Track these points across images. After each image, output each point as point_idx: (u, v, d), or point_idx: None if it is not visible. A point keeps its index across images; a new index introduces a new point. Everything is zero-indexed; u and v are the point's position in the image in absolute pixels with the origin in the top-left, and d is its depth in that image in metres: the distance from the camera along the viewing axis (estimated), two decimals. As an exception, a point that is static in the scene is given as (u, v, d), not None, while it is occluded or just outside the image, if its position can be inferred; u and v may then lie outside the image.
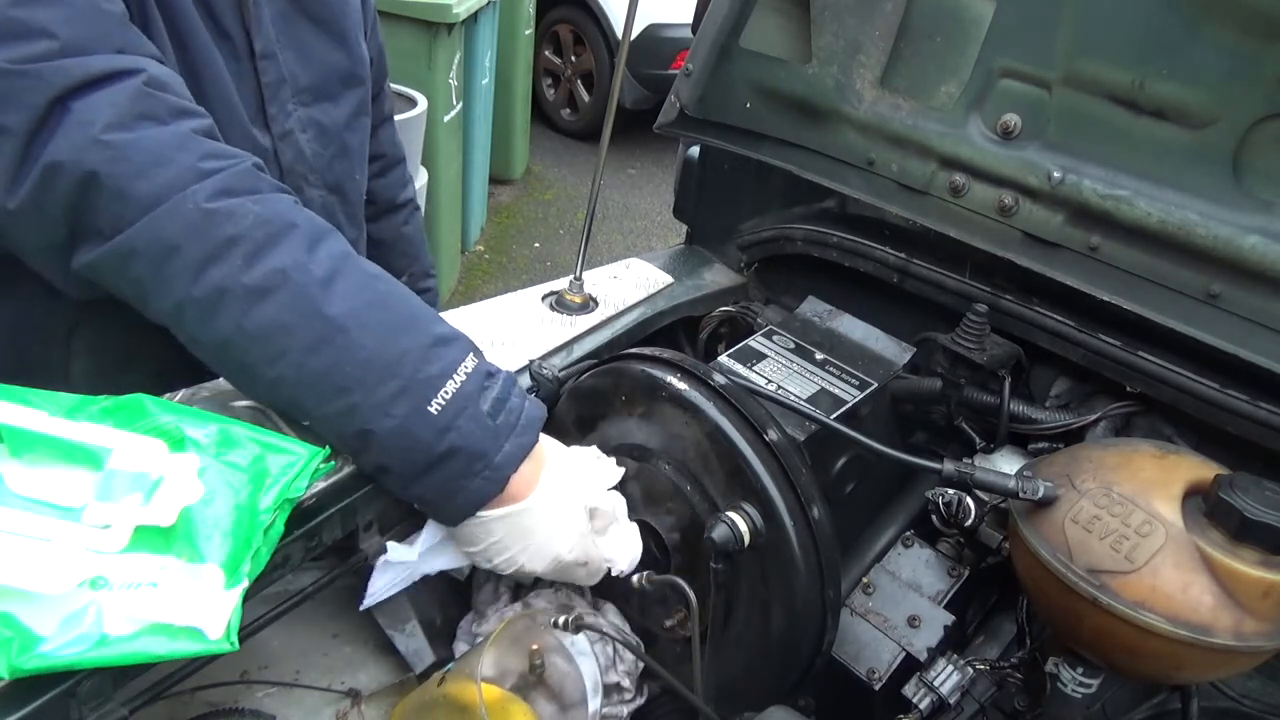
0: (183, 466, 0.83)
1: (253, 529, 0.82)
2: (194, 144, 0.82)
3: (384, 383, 0.83)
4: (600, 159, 1.34)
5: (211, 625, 0.74)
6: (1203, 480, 0.86)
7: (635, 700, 1.18)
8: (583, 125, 5.90)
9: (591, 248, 1.40)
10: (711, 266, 1.58)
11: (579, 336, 1.32)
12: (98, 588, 0.73)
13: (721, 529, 0.97)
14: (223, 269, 0.80)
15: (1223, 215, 0.99)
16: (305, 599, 0.97)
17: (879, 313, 1.35)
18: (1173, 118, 1.01)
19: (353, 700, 1.12)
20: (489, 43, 4.10)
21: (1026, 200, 1.14)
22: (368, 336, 0.83)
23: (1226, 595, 0.80)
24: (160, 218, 0.79)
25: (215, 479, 0.82)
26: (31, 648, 0.70)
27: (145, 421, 0.85)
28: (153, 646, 0.73)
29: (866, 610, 1.13)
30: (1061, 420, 1.16)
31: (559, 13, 5.75)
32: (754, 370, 1.23)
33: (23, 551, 0.72)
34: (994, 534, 1.11)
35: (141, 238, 0.79)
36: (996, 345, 1.16)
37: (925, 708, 1.03)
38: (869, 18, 1.22)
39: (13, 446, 0.80)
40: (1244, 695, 1.04)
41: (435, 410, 0.84)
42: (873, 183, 1.29)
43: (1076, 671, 0.94)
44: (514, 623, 1.08)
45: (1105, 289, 1.09)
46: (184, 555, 0.77)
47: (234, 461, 0.86)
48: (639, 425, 1.12)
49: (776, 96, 1.32)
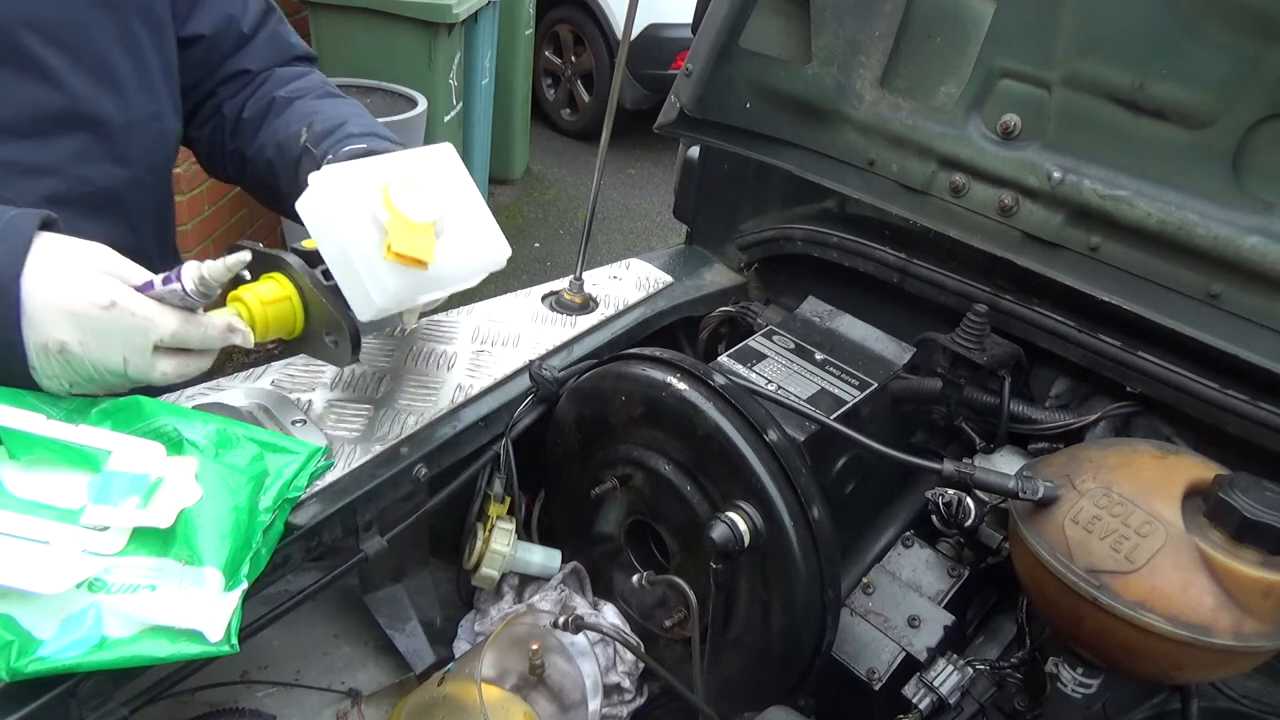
0: (181, 469, 0.83)
1: (252, 530, 0.82)
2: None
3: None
4: (600, 159, 1.33)
5: (211, 628, 0.74)
6: (1203, 480, 0.86)
7: (635, 700, 1.18)
8: (583, 125, 5.89)
9: (591, 248, 1.40)
10: (711, 266, 1.58)
11: (579, 336, 1.32)
12: (96, 590, 0.73)
13: (721, 529, 0.97)
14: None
15: (1223, 215, 0.99)
16: (305, 599, 0.97)
17: (879, 313, 1.35)
18: (1173, 118, 1.01)
19: (353, 700, 1.12)
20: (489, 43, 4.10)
21: (1026, 200, 1.14)
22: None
23: (1226, 595, 0.80)
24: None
25: (214, 480, 0.82)
26: (31, 651, 0.70)
27: (144, 424, 0.85)
28: (152, 649, 0.73)
29: (866, 610, 1.13)
30: (1061, 420, 1.16)
31: (559, 13, 5.74)
32: (754, 370, 1.23)
33: (22, 554, 0.72)
34: (994, 534, 1.11)
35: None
36: (996, 345, 1.16)
37: (925, 708, 1.03)
38: (869, 18, 1.22)
39: (12, 449, 0.80)
40: (1244, 695, 1.04)
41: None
42: (873, 183, 1.29)
43: (1076, 671, 0.94)
44: (514, 623, 1.08)
45: (1105, 289, 1.09)
46: (182, 557, 0.77)
47: (232, 462, 0.86)
48: (639, 425, 1.12)
49: (776, 97, 1.32)
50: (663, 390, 1.07)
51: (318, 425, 1.04)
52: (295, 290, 0.98)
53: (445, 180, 1.06)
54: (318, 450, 0.95)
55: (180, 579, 0.76)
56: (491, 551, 1.15)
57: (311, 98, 1.23)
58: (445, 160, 1.08)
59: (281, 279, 0.98)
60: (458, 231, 1.02)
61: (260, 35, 1.26)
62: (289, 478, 0.89)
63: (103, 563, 0.75)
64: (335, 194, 0.95)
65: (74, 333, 0.81)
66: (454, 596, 1.28)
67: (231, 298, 0.97)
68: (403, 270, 0.95)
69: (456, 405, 1.13)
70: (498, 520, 1.16)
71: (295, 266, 0.97)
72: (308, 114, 1.18)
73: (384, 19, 3.29)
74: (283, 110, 1.21)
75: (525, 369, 1.21)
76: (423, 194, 0.97)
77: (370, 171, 0.98)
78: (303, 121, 1.16)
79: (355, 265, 0.94)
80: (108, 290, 0.82)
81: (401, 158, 1.04)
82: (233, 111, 1.24)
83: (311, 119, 1.16)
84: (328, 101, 1.23)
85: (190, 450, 0.85)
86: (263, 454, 0.89)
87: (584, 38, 5.69)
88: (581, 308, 1.37)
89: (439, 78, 3.47)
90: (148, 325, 0.83)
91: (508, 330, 1.29)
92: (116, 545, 0.77)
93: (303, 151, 1.14)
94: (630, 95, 5.50)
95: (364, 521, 1.01)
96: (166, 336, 0.84)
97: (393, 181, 0.96)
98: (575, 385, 1.19)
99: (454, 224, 1.02)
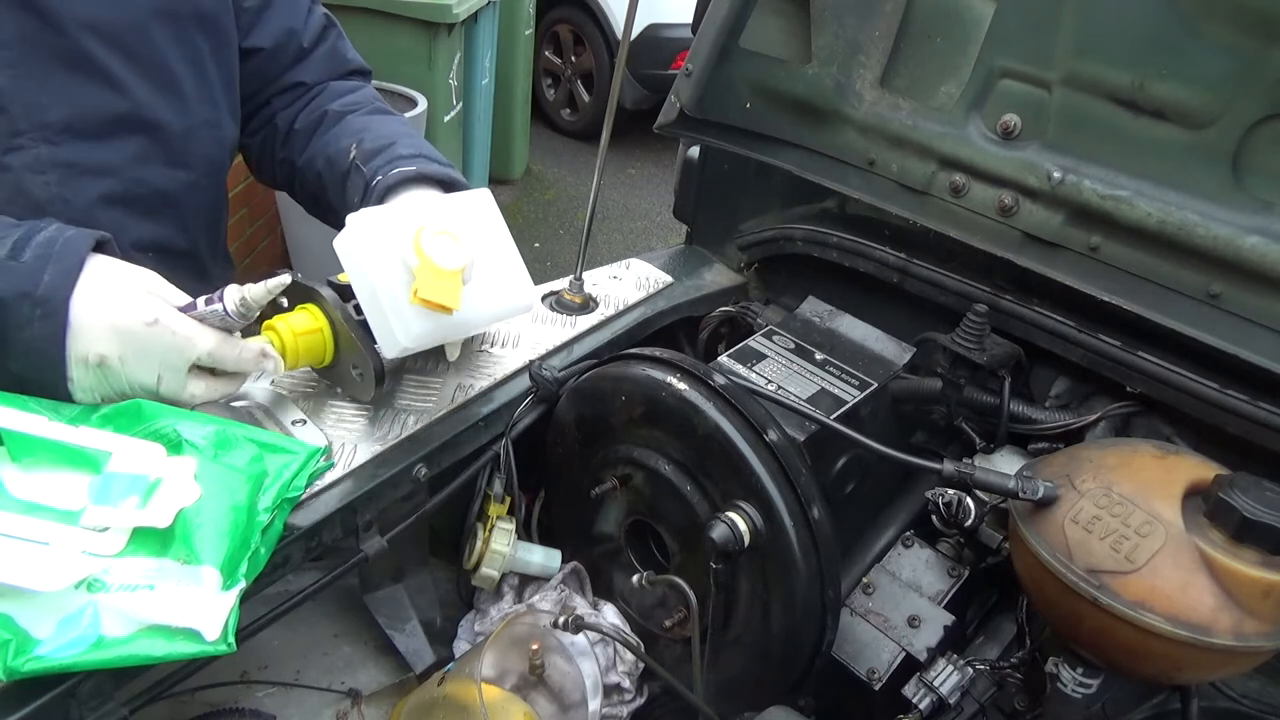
0: (180, 469, 0.83)
1: (251, 529, 0.82)
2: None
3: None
4: (600, 159, 1.33)
5: (208, 627, 0.74)
6: (1203, 480, 0.86)
7: (635, 700, 1.18)
8: (583, 125, 5.89)
9: (591, 248, 1.40)
10: (711, 266, 1.58)
11: (579, 336, 1.32)
12: (95, 590, 0.74)
13: (721, 529, 0.97)
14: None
15: (1223, 215, 0.99)
16: (305, 599, 0.97)
17: (879, 313, 1.35)
18: (1173, 118, 1.01)
19: (353, 700, 1.12)
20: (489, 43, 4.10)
21: (1026, 200, 1.14)
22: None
23: (1226, 596, 0.80)
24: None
25: (212, 480, 0.82)
26: (29, 650, 0.70)
27: (144, 426, 0.86)
28: (149, 648, 0.73)
29: (866, 610, 1.13)
30: (1061, 420, 1.16)
31: (559, 13, 5.74)
32: (754, 370, 1.23)
33: (21, 554, 0.72)
34: (994, 534, 1.11)
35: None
36: (996, 345, 1.16)
37: (925, 708, 1.03)
38: (869, 18, 1.22)
39: (13, 451, 0.80)
40: (1244, 695, 1.03)
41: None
42: (873, 183, 1.29)
43: (1076, 671, 0.94)
44: (514, 623, 1.08)
45: (1105, 289, 1.09)
46: (181, 557, 0.77)
47: (231, 463, 0.86)
48: (639, 425, 1.12)
49: (776, 97, 1.32)
50: (663, 390, 1.07)
51: (318, 425, 1.04)
52: (327, 323, 1.03)
53: (479, 226, 1.09)
54: (317, 450, 0.95)
55: (178, 578, 0.76)
56: (491, 551, 1.15)
57: (363, 113, 1.26)
58: (481, 206, 1.11)
59: (315, 311, 1.03)
60: (486, 277, 1.06)
61: (319, 50, 1.29)
62: (288, 478, 0.89)
63: (102, 563, 0.75)
64: (369, 236, 0.99)
65: (115, 347, 0.84)
66: (454, 596, 1.28)
67: (266, 326, 1.01)
68: (428, 314, 0.99)
69: (456, 405, 1.13)
70: (498, 520, 1.16)
71: (329, 300, 1.02)
72: (358, 131, 1.21)
73: (384, 19, 3.29)
74: (334, 124, 1.23)
75: (525, 369, 1.21)
76: (453, 241, 1.00)
77: (405, 215, 1.01)
78: (353, 138, 1.19)
79: (383, 306, 0.98)
80: (152, 309, 0.86)
81: (438, 202, 1.08)
82: (285, 122, 1.27)
83: (362, 136, 1.19)
84: (378, 119, 1.25)
85: (189, 451, 0.85)
86: (262, 454, 0.89)
87: (584, 38, 5.69)
88: (581, 308, 1.38)
89: (439, 78, 3.47)
90: (186, 344, 0.87)
91: (508, 330, 1.29)
92: (116, 546, 0.77)
93: (351, 168, 1.16)
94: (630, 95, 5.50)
95: (364, 521, 1.01)
96: (204, 355, 0.88)
97: (425, 227, 0.99)
98: (575, 385, 1.19)
99: (483, 270, 1.06)
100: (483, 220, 1.10)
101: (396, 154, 1.15)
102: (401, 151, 1.15)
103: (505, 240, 1.12)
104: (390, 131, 1.20)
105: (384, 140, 1.17)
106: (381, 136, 1.18)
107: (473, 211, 1.10)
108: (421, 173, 1.12)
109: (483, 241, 1.08)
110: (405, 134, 1.21)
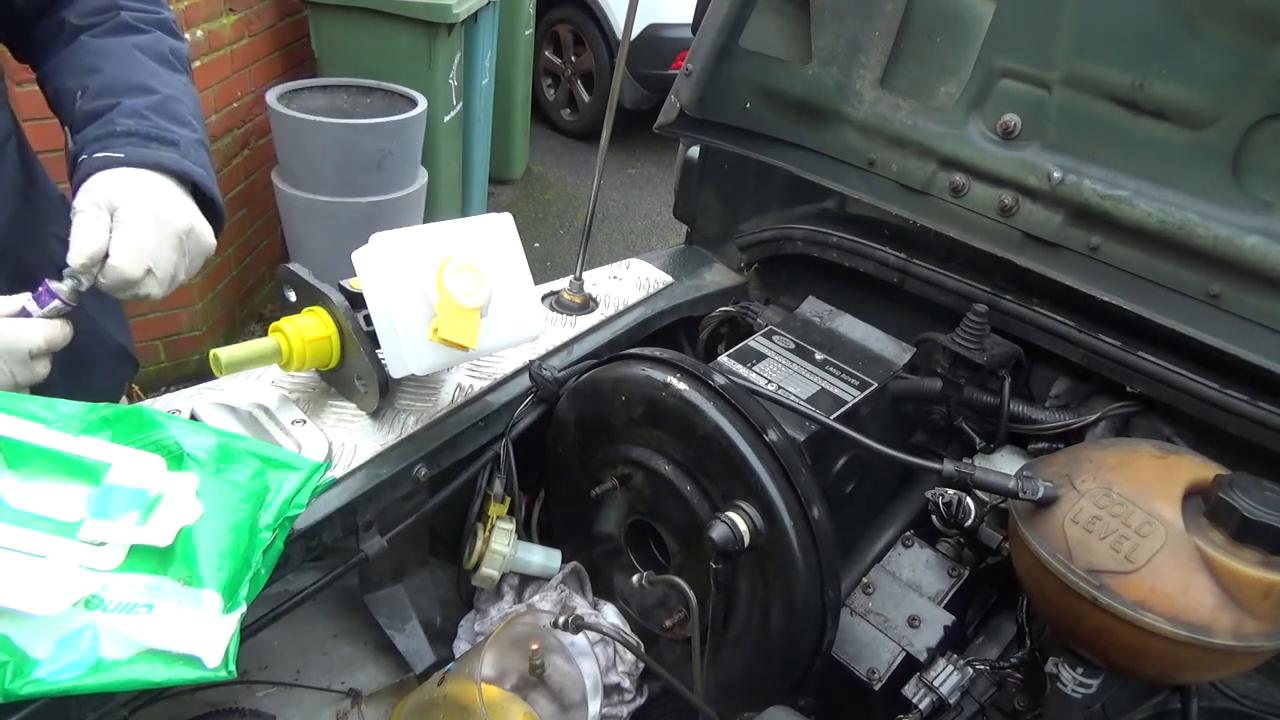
0: (181, 485, 0.81)
1: (252, 549, 0.81)
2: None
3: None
4: (600, 159, 1.34)
5: (209, 653, 0.73)
6: (1203, 480, 0.86)
7: (635, 700, 1.18)
8: (583, 125, 5.89)
9: (591, 248, 1.40)
10: (711, 266, 1.58)
11: (579, 336, 1.32)
12: (93, 608, 0.72)
13: (721, 529, 0.97)
14: None
15: (1223, 215, 0.99)
16: (305, 599, 0.97)
17: (879, 313, 1.35)
18: (1173, 118, 1.01)
19: (353, 700, 1.12)
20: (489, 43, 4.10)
21: (1026, 200, 1.14)
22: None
23: (1226, 595, 0.80)
24: None
25: (214, 498, 0.81)
26: (27, 672, 0.68)
27: (144, 435, 0.84)
28: (149, 673, 0.72)
29: (866, 610, 1.13)
30: (1061, 420, 1.16)
31: (559, 13, 5.74)
32: (754, 370, 1.23)
33: (18, 568, 0.71)
34: (994, 534, 1.11)
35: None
36: (996, 345, 1.16)
37: (925, 708, 1.03)
38: (869, 18, 1.22)
39: (10, 459, 0.78)
40: (1244, 695, 1.03)
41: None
42: (873, 183, 1.29)
43: (1076, 671, 0.94)
44: (514, 623, 1.08)
45: (1105, 289, 1.09)
46: (181, 577, 0.76)
47: (233, 479, 0.84)
48: (639, 425, 1.12)
49: (776, 97, 1.32)
50: (663, 390, 1.06)
51: (318, 426, 1.04)
52: (335, 330, 1.02)
53: (499, 255, 1.09)
54: (319, 466, 0.94)
55: (178, 599, 0.75)
56: (491, 551, 1.15)
57: (102, 31, 1.06)
58: (502, 232, 1.11)
59: (324, 315, 1.02)
60: (501, 309, 1.06)
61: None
62: (290, 494, 0.88)
63: (100, 579, 0.74)
64: (392, 261, 0.99)
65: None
66: (454, 596, 1.28)
67: (273, 328, 1.01)
68: (443, 349, 0.99)
69: (456, 405, 1.13)
70: (498, 520, 1.16)
71: (340, 308, 1.01)
72: (87, 70, 1.04)
73: (384, 19, 3.29)
74: (68, 43, 1.06)
75: (525, 369, 1.21)
76: (475, 277, 1.00)
77: (429, 242, 1.01)
78: (80, 80, 1.03)
79: (399, 334, 0.99)
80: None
81: (462, 227, 1.07)
82: (41, 33, 1.08)
83: (88, 81, 1.02)
84: (114, 47, 1.06)
85: (191, 465, 0.84)
86: (264, 469, 0.88)
87: (584, 38, 5.68)
88: (581, 308, 1.37)
89: (439, 78, 3.46)
90: (22, 341, 0.87)
91: (508, 330, 1.29)
92: (114, 561, 0.76)
93: (73, 123, 1.02)
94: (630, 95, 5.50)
95: (364, 521, 1.01)
96: (40, 347, 0.89)
97: (449, 259, 0.99)
98: (575, 385, 1.19)
99: (498, 301, 1.06)
100: (502, 249, 1.10)
101: (112, 127, 0.98)
102: (119, 123, 0.98)
103: (522, 270, 1.11)
104: (121, 76, 1.02)
105: (108, 98, 1.00)
106: (108, 88, 1.01)
107: (493, 239, 1.09)
108: (129, 162, 0.95)
109: (501, 271, 1.07)
110: (137, 85, 1.02)
